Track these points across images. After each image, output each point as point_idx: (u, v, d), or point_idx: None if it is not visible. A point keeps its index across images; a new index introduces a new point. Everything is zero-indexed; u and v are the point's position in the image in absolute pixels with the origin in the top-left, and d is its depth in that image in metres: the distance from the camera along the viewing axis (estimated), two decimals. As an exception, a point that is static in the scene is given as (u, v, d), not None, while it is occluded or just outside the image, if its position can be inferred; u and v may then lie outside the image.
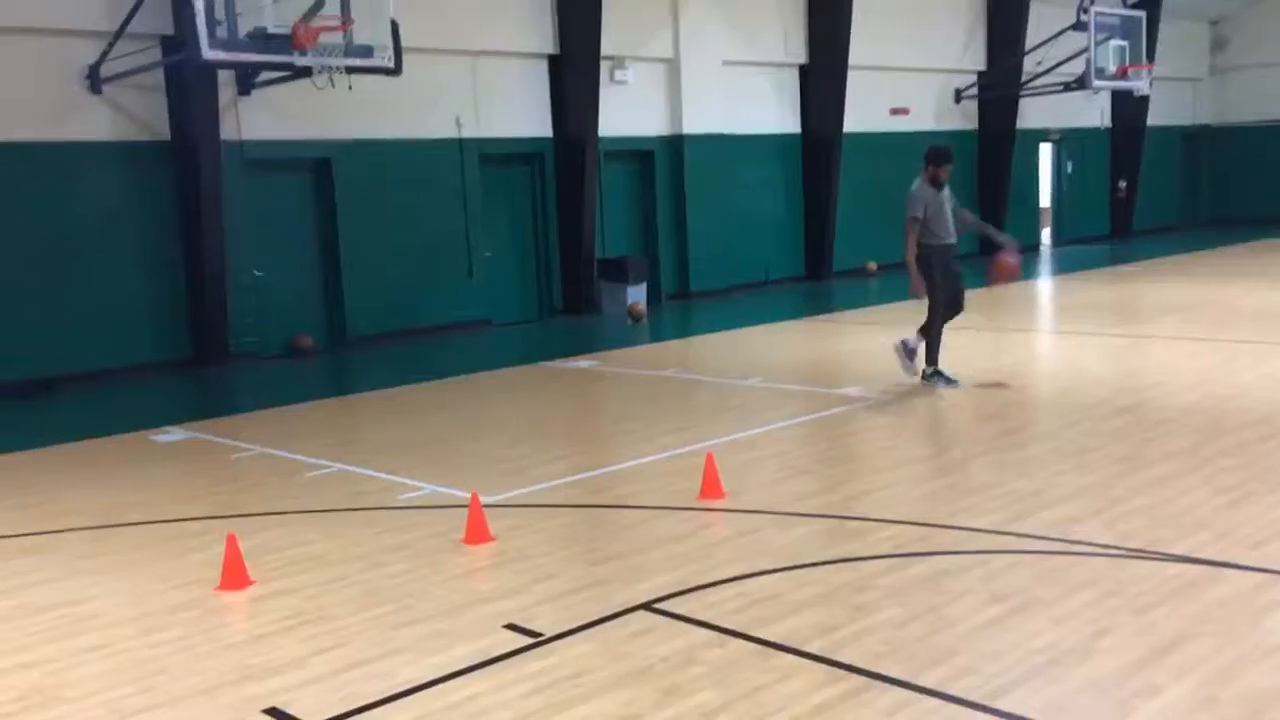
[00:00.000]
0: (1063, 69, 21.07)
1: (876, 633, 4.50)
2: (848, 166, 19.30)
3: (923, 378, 9.54)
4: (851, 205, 19.59)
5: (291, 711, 4.09)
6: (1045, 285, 18.39)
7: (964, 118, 22.12)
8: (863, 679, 4.10)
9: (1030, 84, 21.63)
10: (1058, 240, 24.89)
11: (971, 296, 10.17)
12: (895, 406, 8.95)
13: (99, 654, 4.72)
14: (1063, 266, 20.65)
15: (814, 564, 5.35)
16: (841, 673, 4.16)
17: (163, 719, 4.10)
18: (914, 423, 8.34)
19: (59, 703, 4.27)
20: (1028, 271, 19.83)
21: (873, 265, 20.02)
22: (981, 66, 22.06)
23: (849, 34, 18.62)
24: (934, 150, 9.48)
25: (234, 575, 5.45)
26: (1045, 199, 24.75)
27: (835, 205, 19.21)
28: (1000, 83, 21.72)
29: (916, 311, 10.16)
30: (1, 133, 11.54)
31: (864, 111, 19.71)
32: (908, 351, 9.56)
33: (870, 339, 12.69)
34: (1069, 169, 24.88)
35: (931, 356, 9.57)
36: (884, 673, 4.13)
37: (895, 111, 20.70)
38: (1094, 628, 4.45)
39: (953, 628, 4.51)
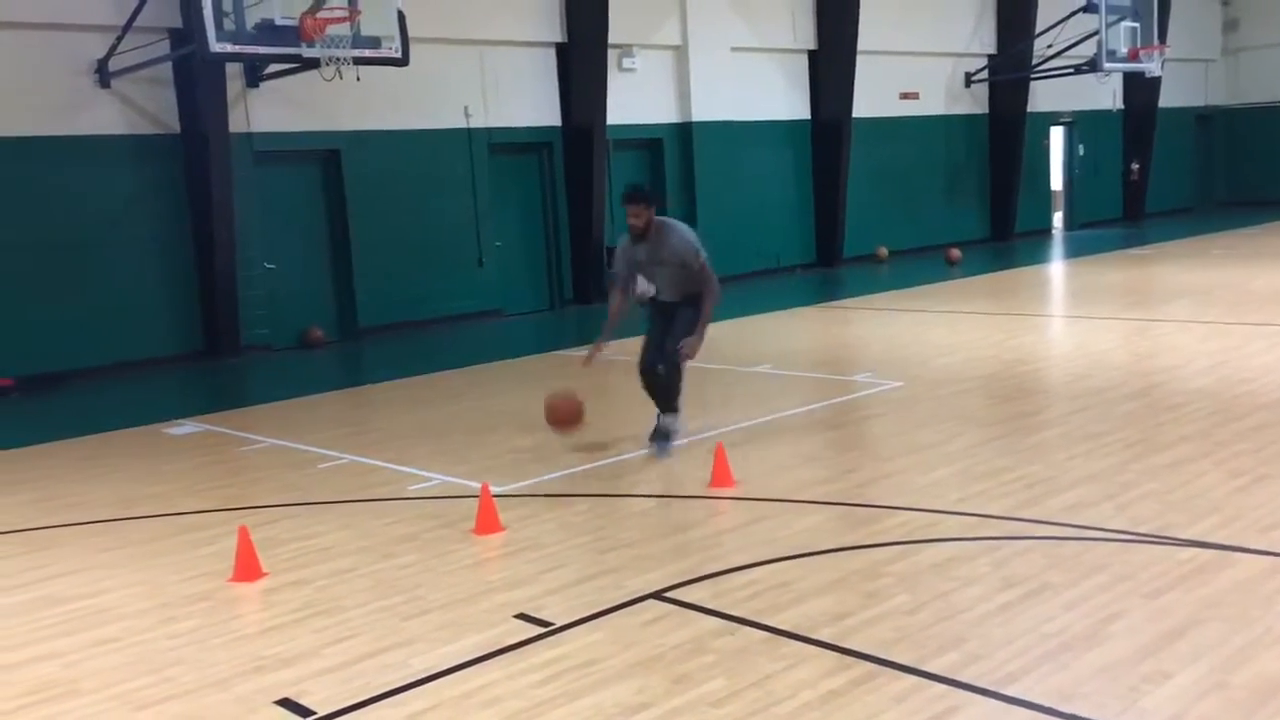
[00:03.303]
0: (1074, 51, 20.94)
1: (887, 620, 4.50)
2: (857, 152, 19.24)
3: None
4: (862, 191, 19.54)
5: (304, 702, 4.12)
6: (1057, 269, 18.33)
7: (974, 101, 22.01)
8: (873, 666, 4.10)
9: (1041, 67, 21.51)
10: (1070, 224, 24.78)
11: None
12: (905, 393, 8.93)
13: (114, 646, 4.76)
14: (1074, 250, 20.56)
15: (824, 551, 5.35)
16: (851, 660, 4.16)
17: (178, 710, 4.13)
18: (924, 409, 8.32)
19: (76, 695, 4.31)
20: (1039, 256, 19.78)
21: (883, 251, 19.97)
22: (992, 50, 21.94)
23: (858, 19, 18.53)
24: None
25: (246, 567, 5.47)
26: (1057, 182, 24.64)
27: (845, 191, 19.15)
28: (1011, 66, 21.61)
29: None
30: (11, 127, 11.58)
31: (873, 96, 19.62)
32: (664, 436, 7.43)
33: (881, 325, 12.67)
34: (1081, 152, 24.74)
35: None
36: (894, 659, 4.14)
37: (905, 96, 20.62)
38: (1105, 613, 4.44)
39: (963, 614, 4.51)
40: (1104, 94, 24.18)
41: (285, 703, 4.13)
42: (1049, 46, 21.18)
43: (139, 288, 12.48)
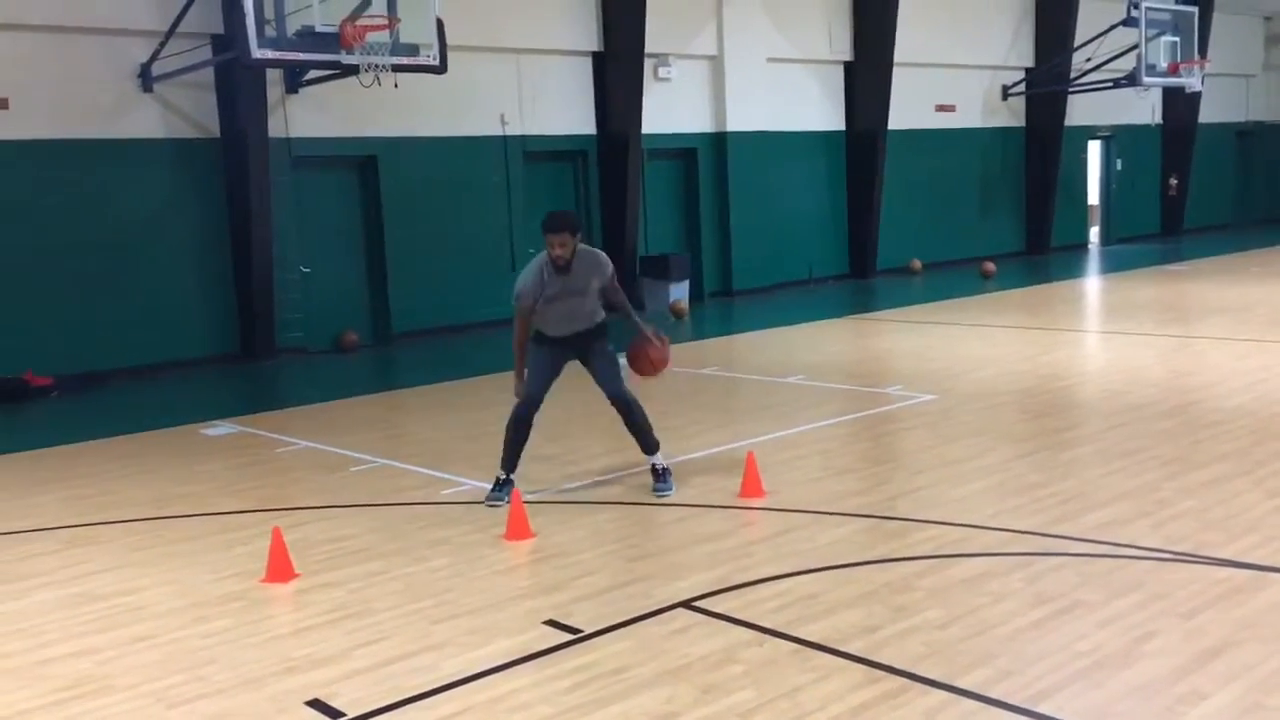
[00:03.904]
0: (1113, 65, 20.79)
1: (917, 634, 4.48)
2: (892, 164, 19.18)
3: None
4: (896, 203, 19.47)
5: (335, 703, 4.15)
6: (1093, 284, 18.18)
7: (1011, 114, 21.90)
8: (902, 680, 4.08)
9: (1079, 80, 21.36)
10: (1106, 238, 24.58)
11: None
12: (938, 406, 8.88)
13: (149, 644, 4.81)
14: (1111, 265, 20.39)
15: (854, 564, 5.33)
16: (881, 673, 4.14)
17: (210, 709, 4.17)
18: (957, 423, 8.28)
19: (110, 691, 4.36)
20: (1074, 270, 19.63)
21: (917, 264, 19.89)
22: (1029, 63, 21.82)
23: (895, 31, 18.49)
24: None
25: (279, 568, 5.52)
26: (1094, 197, 24.45)
27: (879, 203, 19.09)
28: (1049, 79, 21.48)
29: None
30: (57, 130, 11.76)
31: (909, 108, 19.56)
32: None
33: (914, 338, 12.61)
34: (1118, 166, 24.55)
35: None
36: (924, 674, 4.11)
37: (941, 108, 20.54)
38: (1139, 632, 4.40)
39: (994, 630, 4.48)
40: (1143, 108, 23.98)
41: (316, 704, 4.16)
42: (1088, 60, 21.04)
43: (177, 290, 12.63)
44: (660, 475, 6.81)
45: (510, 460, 6.78)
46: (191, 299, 12.76)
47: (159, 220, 12.51)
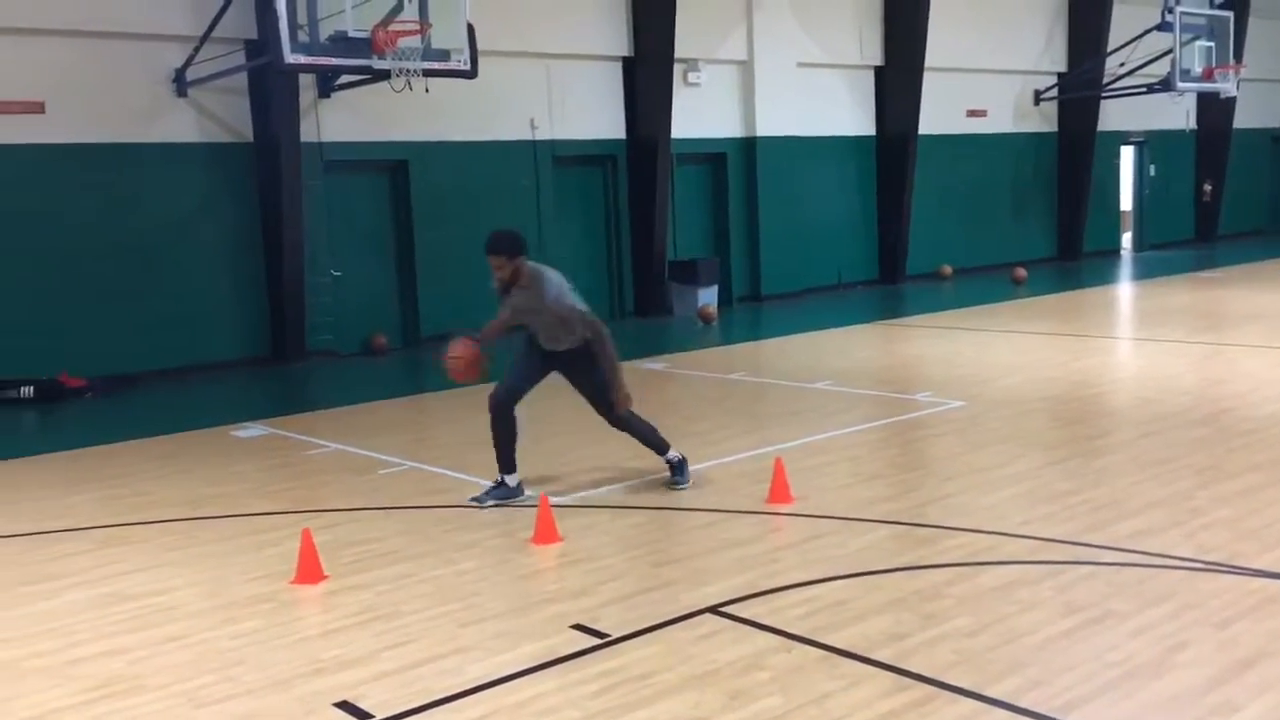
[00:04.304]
0: (1146, 70, 20.61)
1: (946, 641, 4.45)
2: (923, 169, 19.10)
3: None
4: (926, 208, 19.39)
5: (363, 705, 4.16)
6: (1125, 290, 18.02)
7: (1043, 119, 21.76)
8: (931, 688, 4.06)
9: (1112, 85, 21.19)
10: (1139, 244, 24.36)
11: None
12: (967, 413, 8.83)
13: (179, 644, 4.85)
14: (1143, 271, 20.20)
15: (883, 570, 5.31)
16: (909, 681, 4.12)
17: (239, 709, 4.20)
18: (987, 430, 8.22)
19: (141, 691, 4.39)
20: (1106, 276, 19.46)
21: (947, 269, 19.78)
22: (1062, 67, 21.67)
23: (926, 35, 18.42)
24: None
25: (308, 569, 5.55)
26: (1127, 202, 24.24)
27: (910, 208, 19.02)
28: (1081, 84, 21.32)
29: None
30: (92, 134, 11.90)
31: (940, 113, 19.47)
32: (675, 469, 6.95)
33: (944, 344, 12.54)
34: (1152, 172, 24.33)
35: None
36: (953, 683, 4.09)
37: (972, 113, 20.44)
38: (1171, 641, 4.36)
39: (1024, 638, 4.45)
40: (1177, 114, 23.74)
41: (344, 705, 4.18)
42: (1121, 65, 20.87)
43: (210, 292, 12.75)
44: (676, 468, 6.86)
45: (505, 460, 6.73)
46: (223, 302, 12.88)
47: (192, 223, 12.63)
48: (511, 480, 6.81)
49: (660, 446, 6.92)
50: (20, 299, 11.54)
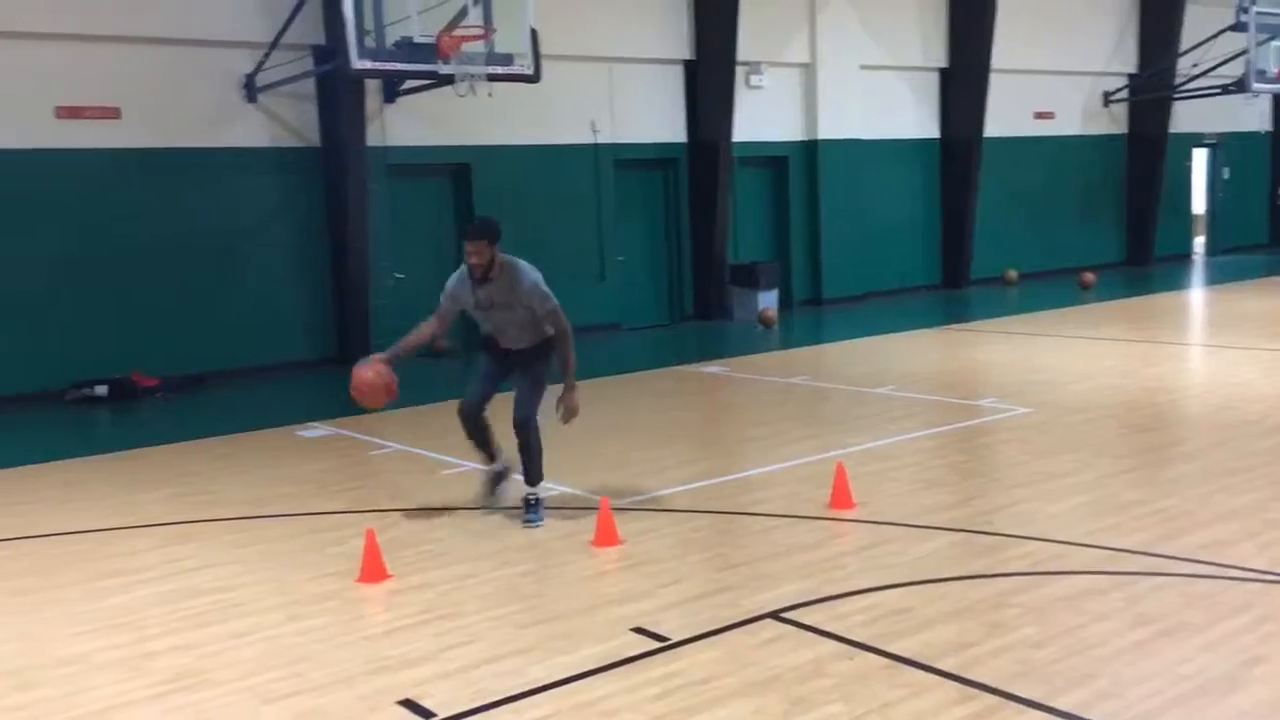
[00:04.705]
0: (1220, 71, 20.16)
1: (1012, 652, 4.38)
2: (988, 172, 18.85)
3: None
4: (991, 211, 19.13)
5: (425, 704, 4.20)
6: (1197, 295, 17.64)
7: (1112, 121, 21.37)
8: (996, 699, 4.00)
9: (1185, 86, 20.77)
10: (1212, 248, 23.84)
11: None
12: (1033, 420, 8.69)
13: (246, 640, 4.93)
14: (1216, 276, 19.76)
15: (947, 579, 5.24)
16: (974, 691, 4.06)
17: (305, 705, 4.26)
18: (1053, 437, 8.09)
19: (209, 685, 4.47)
20: (1178, 281, 19.06)
21: (1013, 274, 19.50)
22: (1132, 68, 21.28)
23: (992, 37, 18.18)
24: None
25: (372, 568, 5.62)
26: (1199, 206, 23.73)
27: (974, 211, 18.78)
28: (1152, 85, 20.92)
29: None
30: (165, 139, 12.15)
31: (1006, 115, 19.21)
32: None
33: (1009, 349, 12.37)
34: (1225, 175, 23.80)
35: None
36: (1019, 694, 4.02)
37: (1040, 115, 20.14)
38: (1246, 655, 4.25)
39: (1093, 650, 4.37)
40: (1251, 115, 23.16)
41: (407, 703, 4.22)
42: (1194, 65, 20.43)
43: (277, 295, 12.96)
44: (531, 506, 6.52)
45: (485, 456, 6.76)
46: (291, 304, 13.08)
47: (261, 227, 12.85)
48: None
49: (535, 476, 6.59)
50: (96, 300, 11.82)
